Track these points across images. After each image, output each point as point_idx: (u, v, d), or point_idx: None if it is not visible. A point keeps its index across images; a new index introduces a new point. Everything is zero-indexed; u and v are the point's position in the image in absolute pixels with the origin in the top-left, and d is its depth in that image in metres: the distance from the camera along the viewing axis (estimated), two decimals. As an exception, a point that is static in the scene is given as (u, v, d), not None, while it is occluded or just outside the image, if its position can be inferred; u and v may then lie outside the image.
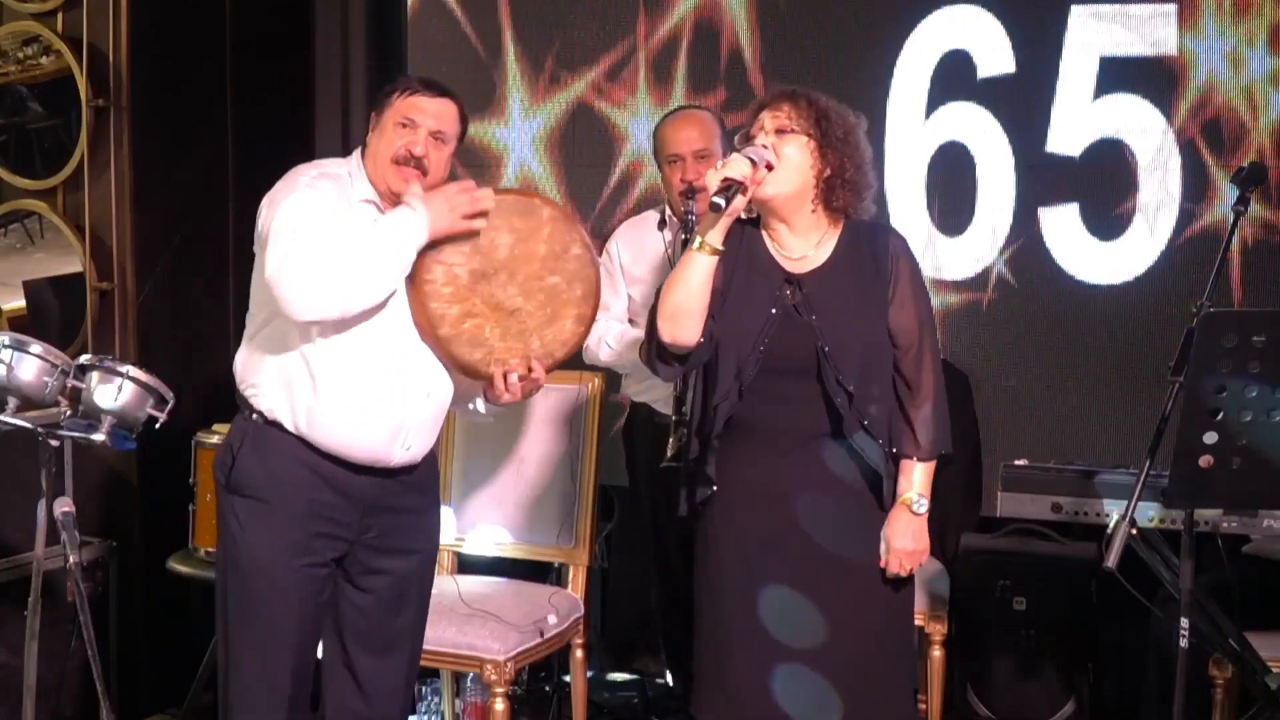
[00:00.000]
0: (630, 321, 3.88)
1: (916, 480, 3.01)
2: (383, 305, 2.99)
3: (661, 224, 3.87)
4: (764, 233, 3.05)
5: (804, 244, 3.02)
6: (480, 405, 3.23)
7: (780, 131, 2.95)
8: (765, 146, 2.94)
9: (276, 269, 2.89)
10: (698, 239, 2.94)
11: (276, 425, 3.04)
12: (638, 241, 3.90)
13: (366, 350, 3.01)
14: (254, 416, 3.07)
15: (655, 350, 3.03)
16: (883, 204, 4.31)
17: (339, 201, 3.02)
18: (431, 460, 3.27)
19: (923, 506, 3.01)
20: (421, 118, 3.06)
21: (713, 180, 2.89)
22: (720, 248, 2.93)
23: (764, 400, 2.99)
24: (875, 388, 2.97)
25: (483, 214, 3.00)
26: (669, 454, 3.56)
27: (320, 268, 2.88)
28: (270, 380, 3.04)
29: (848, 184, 2.98)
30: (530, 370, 3.09)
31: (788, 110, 2.97)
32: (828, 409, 2.95)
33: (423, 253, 2.98)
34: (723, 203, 2.85)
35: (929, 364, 3.02)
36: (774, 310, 2.97)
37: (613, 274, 3.91)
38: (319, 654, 3.22)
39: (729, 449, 3.03)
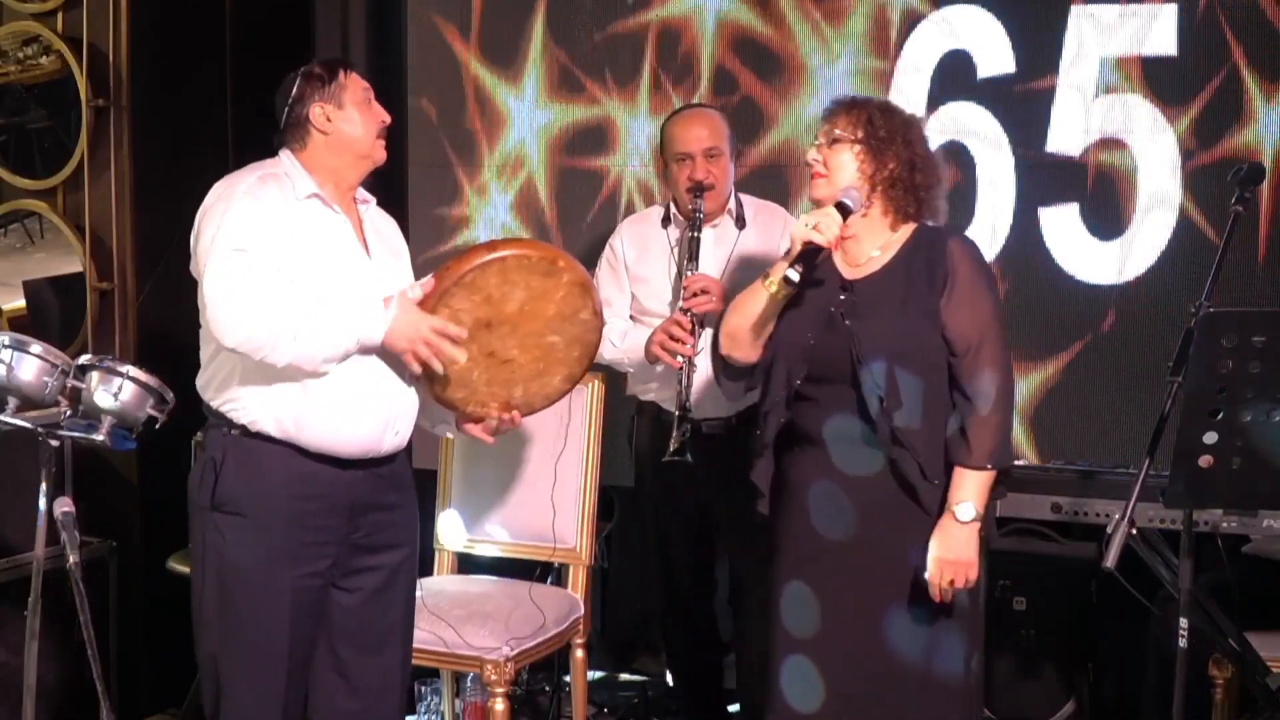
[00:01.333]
0: (633, 319, 3.87)
1: (964, 488, 2.92)
2: None
3: (665, 220, 3.87)
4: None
5: (867, 248, 3.03)
6: (450, 433, 3.27)
7: (832, 142, 2.99)
8: (816, 159, 2.99)
9: (215, 290, 2.88)
10: (770, 278, 2.98)
11: (259, 436, 3.01)
12: (642, 238, 3.89)
13: None
14: (232, 431, 3.04)
15: (719, 365, 3.11)
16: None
17: (283, 203, 3.00)
18: (406, 456, 3.26)
19: (967, 514, 2.91)
20: (368, 90, 3.12)
21: (799, 233, 2.93)
22: (790, 288, 2.94)
23: (810, 407, 2.99)
24: (914, 396, 2.91)
25: (440, 360, 2.99)
26: (672, 448, 3.55)
27: (269, 323, 2.86)
28: (251, 391, 3.01)
29: (899, 184, 2.98)
30: (510, 419, 3.15)
31: (839, 120, 3.00)
32: (864, 416, 2.93)
33: (433, 295, 2.98)
34: (796, 277, 2.90)
35: (988, 372, 2.92)
36: (821, 316, 2.98)
37: (616, 270, 3.90)
38: None
39: (781, 455, 3.04)
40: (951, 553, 2.92)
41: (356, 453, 3.05)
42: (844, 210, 2.95)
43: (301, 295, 2.92)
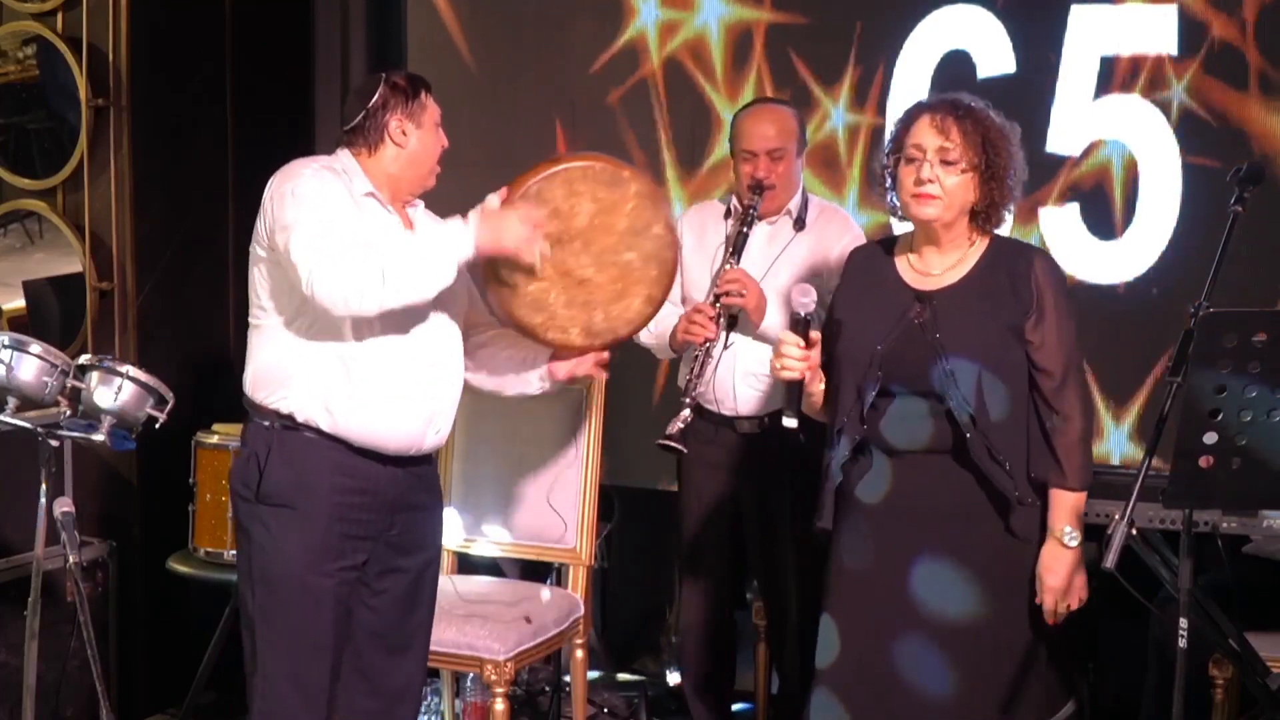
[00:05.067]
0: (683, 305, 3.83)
1: (1063, 511, 2.92)
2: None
3: (727, 214, 3.81)
4: (900, 251, 3.02)
5: (944, 261, 2.97)
6: (535, 385, 3.26)
7: (945, 162, 2.89)
8: (930, 180, 2.89)
9: (310, 262, 2.87)
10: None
11: (304, 427, 3.02)
12: (701, 227, 3.85)
13: (397, 337, 3.02)
14: (275, 424, 3.04)
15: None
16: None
17: (344, 192, 3.02)
18: (434, 458, 3.28)
19: (1075, 540, 2.91)
20: (439, 115, 3.16)
21: (776, 376, 2.95)
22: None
23: (885, 419, 2.94)
24: (1002, 412, 2.88)
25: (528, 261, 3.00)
26: (668, 432, 3.50)
27: (362, 266, 2.88)
28: (299, 381, 3.02)
29: (993, 208, 2.93)
30: (596, 359, 3.16)
31: (955, 136, 2.89)
32: (951, 427, 2.89)
33: (501, 209, 2.98)
34: (794, 423, 2.90)
35: (1074, 391, 2.94)
36: (895, 328, 2.93)
37: None
38: None
39: (853, 466, 2.99)
40: (1064, 579, 2.92)
41: (399, 448, 3.07)
42: (803, 325, 2.90)
43: (385, 241, 2.94)
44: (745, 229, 3.64)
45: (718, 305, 3.57)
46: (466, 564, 4.19)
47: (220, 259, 4.63)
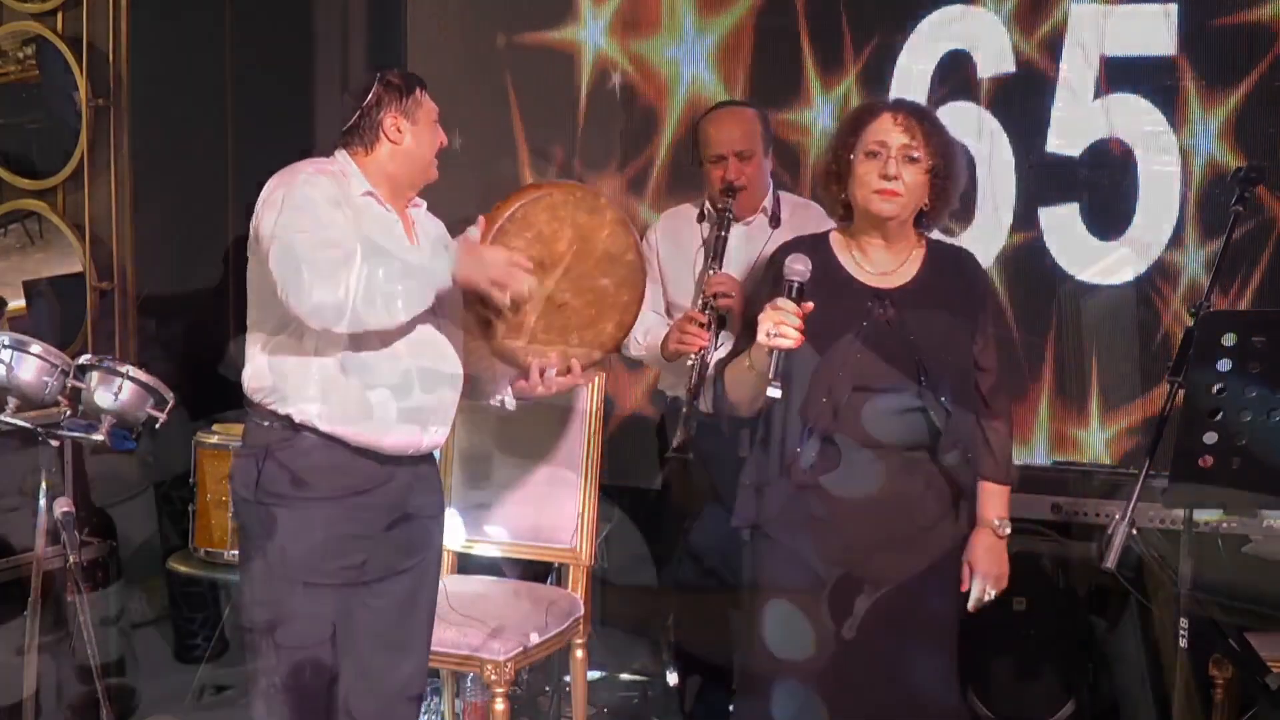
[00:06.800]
0: (668, 313, 3.83)
1: (998, 502, 3.05)
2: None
3: (700, 217, 3.83)
4: (840, 248, 3.03)
5: (892, 260, 3.01)
6: (509, 400, 3.25)
7: (909, 159, 2.93)
8: (896, 176, 2.90)
9: (284, 272, 2.87)
10: (750, 361, 2.90)
11: (303, 428, 3.02)
12: (676, 232, 3.86)
13: (393, 338, 3.01)
14: (274, 424, 3.04)
15: (722, 412, 3.10)
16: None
17: (339, 196, 3.02)
18: (435, 458, 3.28)
19: (1007, 529, 3.04)
20: (436, 111, 3.15)
21: (766, 343, 2.82)
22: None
23: (860, 415, 2.95)
24: (966, 408, 2.96)
25: (512, 289, 2.98)
26: (674, 444, 3.54)
27: (339, 286, 2.86)
28: (297, 382, 3.01)
29: (942, 212, 3.01)
30: (569, 369, 3.12)
31: (918, 135, 2.93)
32: (926, 424, 2.93)
33: (486, 234, 2.98)
34: (779, 394, 2.82)
35: (1005, 387, 3.07)
36: (863, 326, 2.94)
37: (650, 262, 3.87)
38: None
39: (819, 462, 2.98)
40: (999, 566, 3.04)
41: (396, 447, 3.07)
42: (798, 292, 2.87)
43: (365, 260, 2.92)
44: (722, 233, 3.66)
45: (707, 311, 3.59)
46: (467, 564, 4.18)
47: (220, 259, 4.63)
